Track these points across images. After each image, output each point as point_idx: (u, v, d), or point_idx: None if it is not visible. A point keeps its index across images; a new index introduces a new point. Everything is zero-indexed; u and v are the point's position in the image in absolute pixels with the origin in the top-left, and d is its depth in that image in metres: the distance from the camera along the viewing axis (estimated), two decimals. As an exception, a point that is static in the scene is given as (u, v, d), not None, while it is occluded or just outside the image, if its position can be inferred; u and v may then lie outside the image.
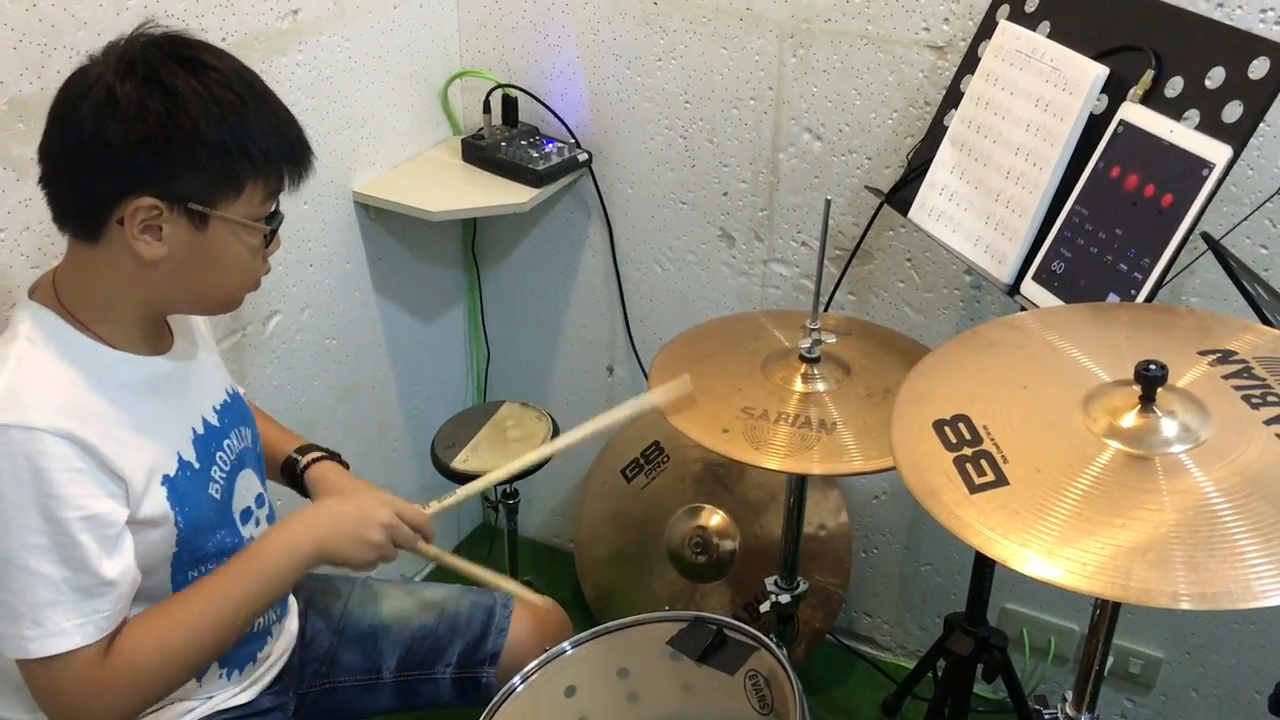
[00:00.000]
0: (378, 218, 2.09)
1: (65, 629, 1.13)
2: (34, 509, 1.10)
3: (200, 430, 1.31)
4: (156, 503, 1.21)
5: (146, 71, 1.11)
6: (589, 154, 2.09)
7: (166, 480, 1.23)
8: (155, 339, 1.28)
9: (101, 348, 1.20)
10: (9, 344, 1.16)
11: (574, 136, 2.11)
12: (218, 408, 1.36)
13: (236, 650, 1.36)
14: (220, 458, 1.33)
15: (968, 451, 1.10)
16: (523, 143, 2.08)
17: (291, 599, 1.52)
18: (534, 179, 2.02)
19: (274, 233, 1.24)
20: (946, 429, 1.14)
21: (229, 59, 1.18)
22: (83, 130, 1.11)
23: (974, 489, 1.06)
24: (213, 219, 1.16)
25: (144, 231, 1.14)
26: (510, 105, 2.12)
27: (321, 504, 1.32)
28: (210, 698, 1.35)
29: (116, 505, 1.16)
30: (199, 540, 1.27)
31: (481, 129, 2.12)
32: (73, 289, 1.20)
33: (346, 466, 1.55)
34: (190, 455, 1.28)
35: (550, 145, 2.09)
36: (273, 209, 1.23)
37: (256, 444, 1.44)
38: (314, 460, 1.51)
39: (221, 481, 1.32)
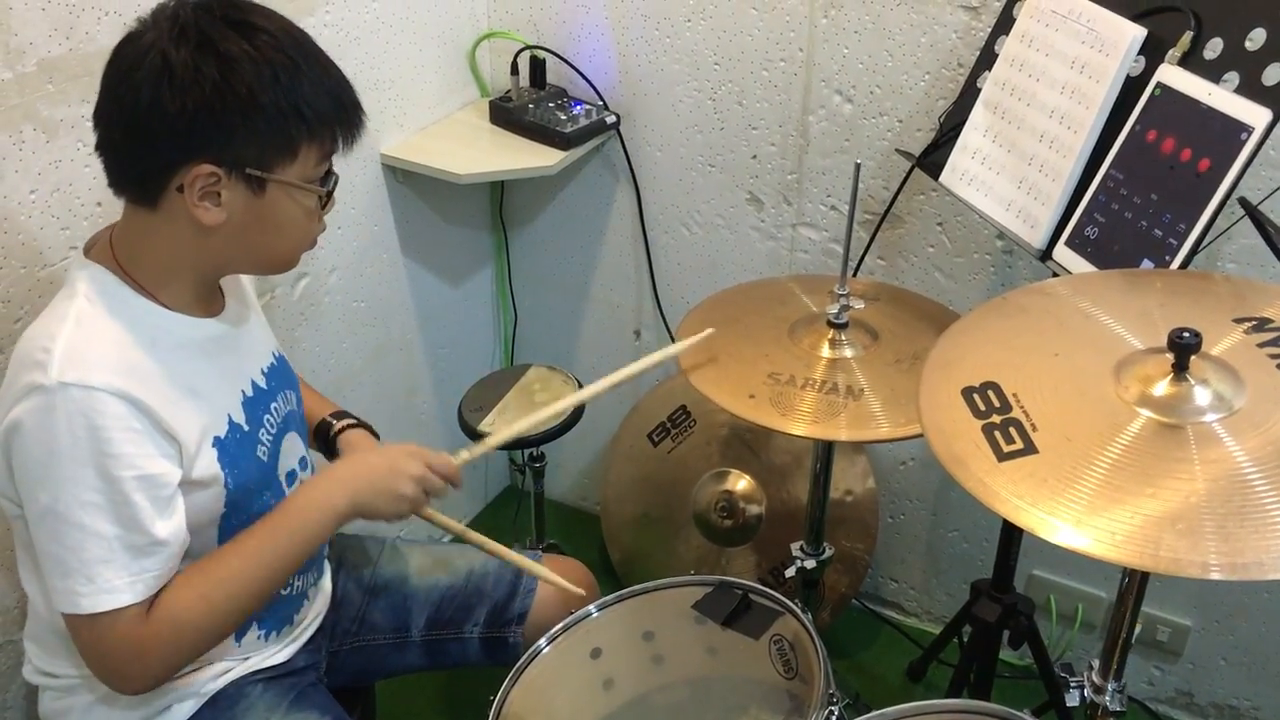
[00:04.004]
0: (405, 180, 2.09)
1: (117, 586, 1.14)
2: (90, 466, 1.12)
3: (249, 392, 1.32)
4: (208, 464, 1.23)
5: (199, 37, 1.10)
6: (617, 116, 2.08)
7: (217, 442, 1.24)
8: (209, 301, 1.29)
9: (158, 309, 1.21)
10: (68, 302, 1.17)
11: (602, 99, 2.10)
12: (265, 370, 1.37)
13: (275, 613, 1.38)
14: (268, 420, 1.34)
15: (996, 419, 1.10)
16: (550, 105, 2.07)
17: (326, 563, 1.54)
18: (562, 141, 2.01)
19: (329, 194, 1.24)
20: (975, 396, 1.13)
21: (279, 19, 1.17)
22: (139, 99, 1.10)
23: (1002, 457, 1.05)
24: (270, 183, 1.17)
25: (203, 198, 1.15)
26: (538, 67, 2.11)
27: (353, 459, 1.32)
28: (247, 658, 1.37)
29: (170, 466, 1.18)
30: (247, 501, 1.28)
31: (509, 91, 2.11)
32: (131, 251, 1.21)
33: (378, 437, 1.55)
34: (240, 417, 1.29)
35: (578, 107, 2.07)
36: (327, 170, 1.23)
37: (299, 407, 1.45)
38: (346, 427, 1.52)
39: (268, 444, 1.33)
